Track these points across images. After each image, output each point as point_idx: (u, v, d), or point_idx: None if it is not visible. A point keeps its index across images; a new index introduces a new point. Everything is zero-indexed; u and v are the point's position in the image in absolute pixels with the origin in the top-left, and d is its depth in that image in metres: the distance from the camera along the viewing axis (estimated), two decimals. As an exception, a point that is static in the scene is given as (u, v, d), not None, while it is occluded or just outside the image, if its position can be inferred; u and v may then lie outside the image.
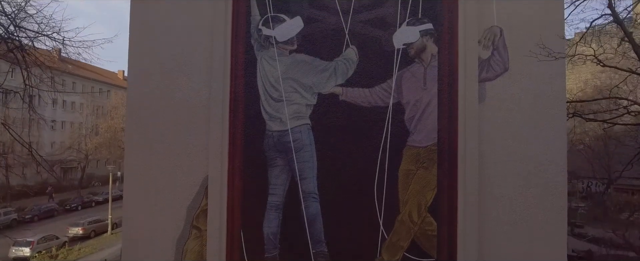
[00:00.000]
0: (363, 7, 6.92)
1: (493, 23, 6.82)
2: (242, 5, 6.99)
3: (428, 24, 6.84)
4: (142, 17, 7.10)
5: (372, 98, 6.83)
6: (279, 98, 6.88)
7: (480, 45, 6.80)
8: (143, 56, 7.11)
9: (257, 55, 6.94)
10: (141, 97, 7.08)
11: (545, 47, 6.31)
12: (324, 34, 6.91)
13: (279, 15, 6.93)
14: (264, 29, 6.92)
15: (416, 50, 6.84)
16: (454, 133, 6.74)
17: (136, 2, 7.12)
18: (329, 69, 6.86)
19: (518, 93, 6.76)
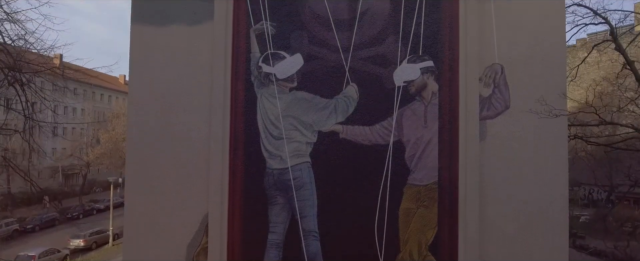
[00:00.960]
0: (363, 44, 6.90)
1: (494, 60, 6.80)
2: (242, 42, 6.97)
3: (429, 61, 6.82)
4: (142, 52, 7.08)
5: (373, 137, 6.81)
6: (279, 136, 6.86)
7: (481, 83, 6.77)
8: (143, 91, 7.09)
9: (257, 92, 6.92)
10: (141, 133, 7.06)
11: (546, 104, 6.28)
12: (324, 71, 6.89)
13: (279, 52, 6.92)
14: (264, 66, 6.90)
15: (417, 87, 6.82)
16: (455, 172, 6.72)
17: (136, 37, 7.10)
18: (329, 107, 6.84)
19: (519, 131, 6.74)
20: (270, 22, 6.94)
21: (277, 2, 6.96)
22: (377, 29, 6.89)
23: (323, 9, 6.92)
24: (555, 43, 6.83)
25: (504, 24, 6.82)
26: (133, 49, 7.13)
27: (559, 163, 6.75)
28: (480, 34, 6.78)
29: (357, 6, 6.90)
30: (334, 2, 6.92)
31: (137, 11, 7.10)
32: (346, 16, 6.91)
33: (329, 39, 6.91)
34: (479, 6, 6.79)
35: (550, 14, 6.82)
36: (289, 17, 6.95)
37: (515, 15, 6.82)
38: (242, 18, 6.99)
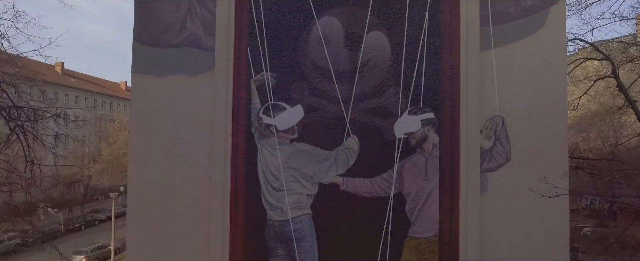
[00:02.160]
0: (364, 95, 6.89)
1: (495, 112, 6.79)
2: (242, 93, 6.97)
3: (429, 113, 6.81)
4: (143, 101, 7.09)
5: (373, 189, 6.81)
6: (279, 187, 6.86)
7: (482, 135, 6.76)
8: (144, 140, 7.10)
9: (257, 143, 6.92)
10: (141, 183, 7.06)
11: (546, 182, 6.27)
12: (325, 123, 6.88)
13: (279, 103, 6.92)
14: (264, 117, 6.90)
15: (417, 139, 6.81)
16: (456, 225, 6.72)
17: (137, 87, 7.11)
18: (329, 159, 6.84)
19: (520, 184, 6.72)
20: (270, 73, 6.94)
21: (278, 53, 6.96)
22: (378, 81, 6.89)
23: (324, 60, 6.92)
24: (556, 94, 6.82)
25: (505, 75, 6.81)
26: (134, 98, 7.15)
27: (559, 216, 6.74)
28: (481, 85, 6.78)
29: (358, 57, 6.90)
30: (334, 53, 6.92)
31: (138, 60, 7.10)
32: (347, 67, 6.91)
33: (330, 90, 6.91)
34: (479, 58, 6.78)
35: (552, 65, 6.81)
36: (289, 68, 6.94)
37: (516, 67, 6.82)
38: (243, 69, 6.99)
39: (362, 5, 6.93)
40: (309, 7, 6.96)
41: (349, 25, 6.93)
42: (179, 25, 7.03)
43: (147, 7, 7.06)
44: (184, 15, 7.03)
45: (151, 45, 7.06)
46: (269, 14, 7.01)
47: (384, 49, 6.89)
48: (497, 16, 6.83)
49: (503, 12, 6.83)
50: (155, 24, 7.05)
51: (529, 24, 6.82)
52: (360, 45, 6.91)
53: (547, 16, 6.81)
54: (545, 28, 6.80)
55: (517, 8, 6.83)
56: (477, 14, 6.80)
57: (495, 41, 6.81)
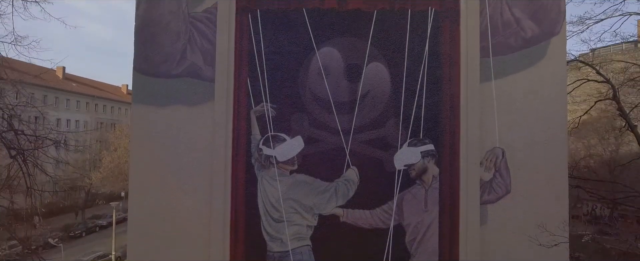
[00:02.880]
0: (364, 127, 6.89)
1: (495, 144, 6.79)
2: (242, 124, 6.97)
3: (429, 145, 6.81)
4: (143, 132, 7.09)
5: (373, 220, 6.81)
6: (279, 218, 6.87)
7: (482, 167, 6.76)
8: (144, 171, 7.10)
9: (257, 174, 6.92)
10: (142, 214, 7.06)
11: (546, 230, 6.26)
12: (325, 154, 6.88)
13: (279, 134, 6.92)
14: (264, 148, 6.91)
15: (417, 171, 6.81)
16: (456, 257, 6.71)
17: (137, 117, 7.11)
18: (329, 190, 6.84)
19: (520, 216, 6.72)
20: (270, 104, 6.95)
21: (278, 84, 6.96)
22: (378, 112, 6.89)
23: (323, 92, 6.92)
24: (556, 126, 6.81)
25: (505, 107, 6.81)
26: (134, 128, 7.15)
27: (560, 248, 6.71)
28: (481, 117, 6.78)
29: (358, 88, 6.90)
30: (334, 84, 6.92)
31: (138, 91, 7.11)
32: (347, 99, 6.91)
33: (330, 121, 6.91)
34: (480, 89, 6.78)
35: (552, 97, 6.80)
36: (289, 99, 6.95)
37: (516, 99, 6.81)
38: (243, 99, 7.00)
39: (362, 36, 6.93)
40: (309, 37, 6.96)
41: (348, 56, 6.94)
42: (178, 55, 7.03)
43: (146, 37, 7.07)
44: (184, 46, 7.03)
45: (151, 75, 7.07)
46: (269, 45, 7.01)
47: (384, 80, 6.89)
48: (497, 47, 6.83)
49: (503, 44, 6.83)
50: (155, 54, 7.06)
51: (529, 55, 6.81)
52: (360, 77, 6.91)
53: (547, 47, 6.81)
54: (546, 59, 6.79)
55: (517, 39, 6.82)
56: (477, 45, 6.80)
57: (496, 72, 6.81)
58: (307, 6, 6.99)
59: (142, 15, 7.09)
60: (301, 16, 7.00)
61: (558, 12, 6.83)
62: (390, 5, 6.93)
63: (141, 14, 7.10)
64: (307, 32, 6.98)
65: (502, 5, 6.85)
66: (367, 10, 6.94)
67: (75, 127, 43.86)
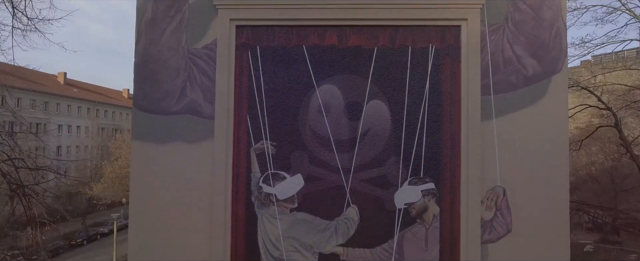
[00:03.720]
0: (364, 165, 6.86)
1: (496, 183, 6.75)
2: (242, 161, 6.95)
3: (430, 184, 6.78)
4: (142, 168, 7.07)
5: (374, 259, 6.78)
6: (279, 257, 6.84)
7: (483, 206, 6.73)
8: (143, 208, 7.08)
9: (257, 212, 6.90)
10: (142, 251, 7.05)
11: None
12: (325, 193, 6.86)
13: (279, 172, 6.89)
14: (264, 186, 6.88)
15: (418, 210, 6.78)
16: (456, 296, 6.68)
17: (136, 154, 7.10)
18: (329, 229, 6.82)
19: (521, 256, 6.68)
20: (270, 141, 6.93)
21: (278, 122, 6.94)
22: (378, 150, 6.86)
23: (323, 129, 6.90)
24: (558, 165, 6.77)
25: (506, 145, 6.77)
26: (133, 165, 7.13)
27: (561, 288, 6.70)
28: (482, 155, 6.74)
29: (358, 126, 6.87)
30: (334, 122, 6.90)
31: (137, 127, 7.10)
32: (347, 137, 6.88)
33: (330, 159, 6.88)
34: (480, 127, 6.74)
35: (553, 135, 6.76)
36: (289, 137, 6.92)
37: (517, 137, 6.77)
38: (243, 137, 6.98)
39: (362, 74, 6.90)
40: (309, 74, 6.94)
41: (349, 94, 6.91)
42: (178, 92, 7.01)
43: (146, 73, 7.05)
44: (184, 83, 7.01)
45: (150, 112, 7.05)
46: (269, 82, 6.99)
47: (385, 118, 6.87)
48: (499, 85, 6.79)
49: (504, 81, 6.79)
50: (155, 90, 7.04)
51: (530, 93, 6.77)
52: (360, 114, 6.88)
53: (548, 85, 6.77)
54: (547, 98, 6.75)
55: (518, 77, 6.78)
56: (478, 83, 6.76)
57: (497, 111, 6.78)
58: (308, 43, 6.97)
59: (141, 52, 7.08)
60: (301, 53, 6.97)
61: (560, 49, 6.79)
62: (390, 43, 6.90)
63: (140, 50, 7.09)
64: (307, 69, 6.95)
65: (503, 43, 6.82)
66: (368, 48, 6.91)
67: (76, 132, 43.93)
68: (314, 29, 6.98)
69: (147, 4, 7.08)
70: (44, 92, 35.39)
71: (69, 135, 42.75)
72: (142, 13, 7.09)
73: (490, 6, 6.83)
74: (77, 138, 43.55)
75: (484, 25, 6.83)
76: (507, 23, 6.82)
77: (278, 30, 7.01)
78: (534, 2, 6.80)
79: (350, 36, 6.94)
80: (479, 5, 6.78)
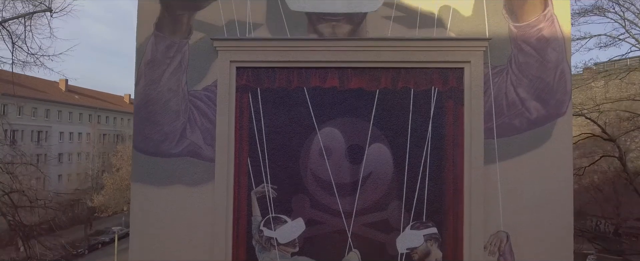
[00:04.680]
0: (366, 209, 6.79)
1: (499, 228, 6.67)
2: (243, 205, 6.89)
3: (432, 228, 6.70)
4: (142, 211, 7.00)
5: (376, 305, 6.70)
6: (280, 302, 6.77)
7: (486, 251, 6.65)
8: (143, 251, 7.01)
9: (258, 256, 6.83)
10: (142, 294, 6.99)
11: None
12: (326, 237, 6.79)
13: (280, 216, 6.83)
14: (265, 230, 6.82)
15: (420, 255, 6.70)
16: None
17: (136, 197, 7.01)
18: (331, 273, 6.74)
19: (525, 302, 6.61)
20: (271, 184, 6.86)
21: (278, 165, 6.87)
22: (380, 194, 6.79)
23: (325, 173, 6.83)
24: (562, 209, 6.69)
25: (509, 189, 6.69)
26: (133, 208, 7.06)
27: None
28: (485, 199, 6.66)
29: (360, 170, 6.80)
30: (336, 165, 6.83)
31: (137, 170, 7.03)
32: (348, 180, 6.81)
33: (331, 203, 6.81)
34: (484, 171, 6.66)
35: (557, 179, 6.68)
36: (290, 180, 6.86)
37: (521, 181, 6.69)
38: (243, 180, 6.91)
39: (363, 116, 6.83)
40: (310, 117, 6.87)
41: (350, 137, 6.84)
42: (178, 134, 6.95)
43: (145, 115, 6.99)
44: (184, 125, 6.95)
45: (150, 154, 6.98)
46: (270, 124, 6.92)
47: (387, 161, 6.79)
48: (502, 129, 6.71)
49: (508, 125, 6.71)
50: (154, 132, 6.98)
51: (534, 137, 6.69)
52: (362, 158, 6.81)
53: (553, 129, 6.69)
54: (551, 141, 6.67)
55: (522, 120, 6.70)
56: (482, 127, 6.69)
57: (500, 154, 6.70)
58: (309, 85, 6.90)
59: (141, 93, 7.01)
60: (302, 95, 6.90)
61: (564, 92, 6.71)
62: (393, 85, 6.83)
63: (140, 91, 7.02)
64: (308, 111, 6.88)
65: (506, 85, 6.73)
66: (370, 90, 6.84)
67: (77, 139, 43.93)
68: (315, 70, 6.90)
69: (146, 45, 7.02)
70: (45, 100, 35.37)
71: (70, 142, 42.70)
72: (142, 54, 7.03)
73: (493, 48, 6.75)
74: (79, 146, 43.46)
75: (487, 68, 6.75)
76: (510, 65, 6.74)
77: (279, 71, 6.94)
78: (538, 43, 6.71)
79: (352, 78, 6.87)
80: (483, 47, 6.70)
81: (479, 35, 6.77)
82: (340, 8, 6.85)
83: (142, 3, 7.09)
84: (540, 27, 6.71)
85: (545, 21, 6.71)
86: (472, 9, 6.80)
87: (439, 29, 6.80)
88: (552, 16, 6.71)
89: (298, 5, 6.88)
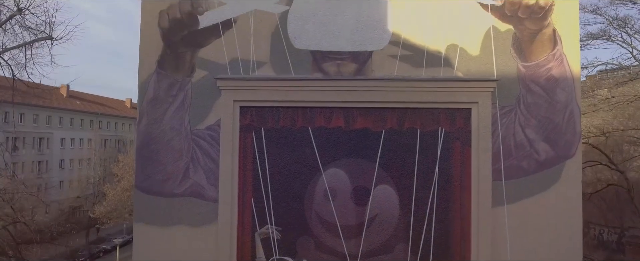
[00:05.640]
0: (372, 252, 6.69)
1: (507, 271, 6.56)
2: (246, 247, 6.79)
3: (439, 272, 6.59)
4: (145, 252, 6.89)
5: None
6: None
7: (494, 295, 6.53)
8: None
9: (262, 299, 6.73)
10: None
11: None
12: (331, 279, 6.68)
13: (285, 258, 6.72)
14: (269, 273, 6.72)
15: (427, 299, 6.59)
16: None
17: (139, 237, 6.93)
18: (336, 317, 6.64)
19: None
20: (275, 226, 6.75)
21: (283, 206, 6.77)
22: (386, 236, 6.68)
23: (330, 214, 6.72)
24: (571, 252, 6.58)
25: (517, 232, 6.57)
26: (136, 248, 6.97)
27: None
28: (493, 242, 6.55)
29: (365, 212, 6.69)
30: (341, 207, 6.72)
31: (139, 210, 6.94)
32: (354, 222, 6.71)
33: (336, 245, 6.70)
34: (491, 213, 6.55)
35: (566, 221, 6.57)
36: (294, 222, 6.75)
37: (529, 223, 6.58)
38: (247, 221, 6.82)
39: (369, 157, 6.73)
40: (315, 157, 6.77)
41: (355, 178, 6.73)
42: (181, 174, 6.84)
43: (148, 154, 6.89)
44: (187, 164, 6.84)
45: (153, 194, 6.88)
46: (274, 164, 6.82)
47: (393, 203, 6.68)
48: (510, 170, 6.59)
49: (516, 167, 6.60)
50: (157, 172, 6.88)
51: (543, 179, 6.57)
52: (367, 199, 6.71)
53: (562, 170, 6.57)
54: (560, 183, 6.56)
55: (530, 162, 6.59)
56: (489, 168, 6.58)
57: (508, 197, 6.58)
58: (313, 125, 6.79)
59: (143, 131, 6.91)
60: (307, 135, 6.80)
61: (573, 133, 6.60)
62: (399, 125, 6.72)
63: (142, 130, 6.92)
64: (313, 151, 6.78)
65: (515, 126, 6.62)
66: (375, 130, 6.74)
67: (79, 145, 43.91)
68: (320, 110, 6.80)
69: (149, 82, 6.92)
70: (47, 107, 35.36)
71: (72, 148, 42.65)
72: (144, 91, 6.93)
73: (501, 88, 6.64)
74: (80, 152, 43.42)
75: (495, 108, 6.64)
76: (518, 105, 6.63)
77: (283, 111, 6.84)
78: (546, 83, 6.60)
79: (358, 118, 6.77)
80: (491, 88, 6.59)
81: (486, 74, 6.66)
82: (345, 47, 6.74)
83: (144, 40, 6.99)
84: (549, 66, 6.60)
85: (554, 60, 6.59)
86: (480, 47, 6.69)
87: (446, 68, 6.69)
88: (562, 55, 6.59)
89: (302, 43, 6.78)
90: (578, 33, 6.71)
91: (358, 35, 6.72)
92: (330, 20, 6.76)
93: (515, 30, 6.65)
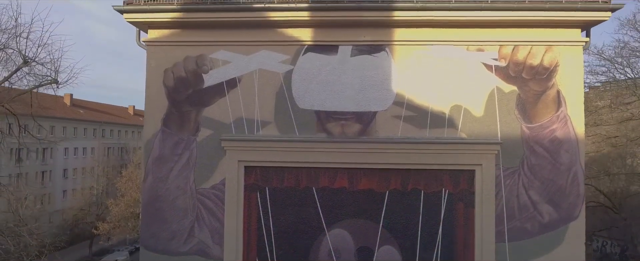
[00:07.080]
0: (375, 311, 6.71)
1: None
2: (251, 303, 6.83)
3: None
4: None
5: None
6: None
7: None
8: None
9: None
10: None
11: None
12: None
13: (289, 314, 6.76)
14: None
15: None
16: None
17: None
18: None
19: None
20: (279, 285, 6.79)
21: (285, 251, 6.81)
22: (390, 297, 6.70)
23: (334, 274, 6.75)
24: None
25: (521, 293, 6.59)
26: (141, 304, 7.03)
27: None
28: (497, 304, 6.57)
29: (369, 270, 6.72)
30: None
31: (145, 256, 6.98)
32: (358, 282, 6.73)
33: (340, 302, 6.73)
34: None
35: None
36: (299, 281, 6.78)
37: (533, 284, 6.59)
38: (252, 278, 6.85)
39: (373, 218, 6.75)
40: (319, 218, 6.80)
41: (359, 239, 6.76)
42: (186, 233, 6.89)
43: (153, 212, 6.93)
44: (192, 223, 6.89)
45: (158, 252, 6.93)
46: (278, 224, 6.86)
47: (396, 264, 6.71)
48: (513, 232, 6.60)
49: (519, 228, 6.61)
50: (162, 230, 6.92)
51: (546, 241, 6.59)
52: (371, 260, 6.73)
53: (565, 233, 6.58)
54: (563, 246, 6.56)
55: (534, 224, 6.60)
56: (493, 230, 6.59)
57: (511, 259, 6.59)
58: (318, 185, 6.82)
59: (149, 190, 6.95)
60: (311, 195, 6.83)
61: (577, 195, 6.61)
62: (403, 186, 6.74)
63: (147, 188, 6.96)
64: (317, 212, 6.81)
65: (518, 188, 6.63)
66: (379, 191, 6.76)
67: (82, 154, 44.03)
68: (324, 170, 6.82)
69: (154, 141, 6.96)
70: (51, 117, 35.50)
71: (75, 158, 42.75)
72: (150, 149, 6.97)
73: (505, 149, 6.64)
74: (84, 160, 43.55)
75: (499, 169, 6.64)
76: (522, 167, 6.63)
77: (287, 171, 6.87)
78: (550, 145, 6.60)
79: (362, 179, 6.79)
80: (495, 151, 6.60)
81: (490, 135, 6.67)
82: (349, 107, 6.77)
83: (150, 98, 7.02)
84: (553, 128, 6.60)
85: (558, 122, 6.60)
86: (484, 108, 6.70)
87: (450, 129, 6.70)
88: (566, 117, 6.60)
89: (306, 103, 6.81)
90: (583, 94, 6.70)
91: (362, 95, 6.75)
92: (335, 79, 6.79)
93: (520, 91, 6.65)
